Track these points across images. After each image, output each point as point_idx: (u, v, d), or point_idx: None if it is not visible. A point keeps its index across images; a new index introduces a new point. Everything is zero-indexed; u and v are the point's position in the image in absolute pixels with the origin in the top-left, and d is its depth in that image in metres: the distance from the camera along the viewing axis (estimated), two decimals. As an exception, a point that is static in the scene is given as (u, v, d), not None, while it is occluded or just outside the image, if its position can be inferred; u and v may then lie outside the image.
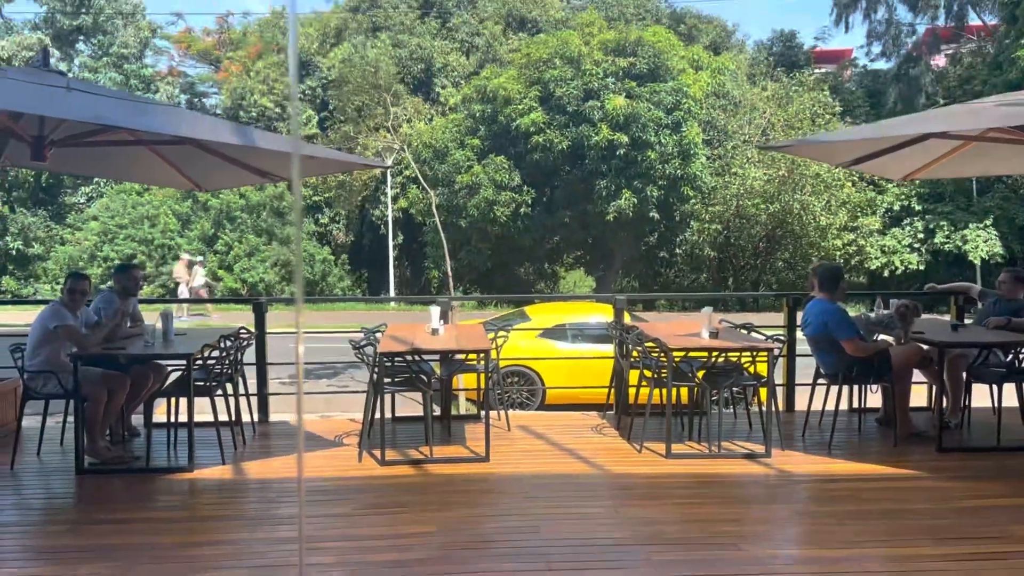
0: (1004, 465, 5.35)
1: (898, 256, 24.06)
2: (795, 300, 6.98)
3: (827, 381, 5.97)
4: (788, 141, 8.37)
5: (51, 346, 5.33)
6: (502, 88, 24.09)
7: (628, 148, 22.90)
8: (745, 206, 23.94)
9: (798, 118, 24.48)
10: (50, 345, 5.32)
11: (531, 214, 24.60)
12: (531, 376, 9.74)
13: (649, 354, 6.14)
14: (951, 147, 6.15)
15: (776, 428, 5.72)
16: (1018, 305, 6.39)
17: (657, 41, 23.93)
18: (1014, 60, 21.53)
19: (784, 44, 32.69)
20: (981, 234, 22.97)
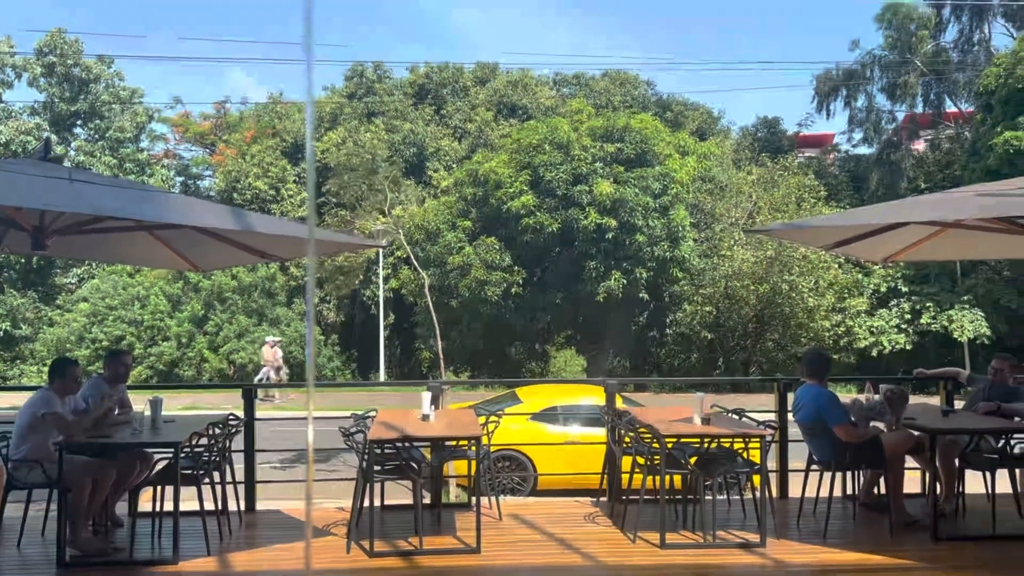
0: (1003, 555, 5.30)
1: (886, 336, 24.21)
2: (786, 384, 7.00)
3: (820, 467, 5.94)
4: (773, 225, 8.55)
5: (38, 434, 5.27)
6: (493, 172, 24.56)
7: (617, 231, 23.25)
8: (734, 287, 24.18)
9: (784, 201, 24.98)
10: (37, 433, 5.27)
11: (522, 294, 24.75)
12: (523, 461, 9.64)
13: (642, 440, 6.12)
14: (929, 232, 6.30)
15: (770, 516, 5.66)
16: (1008, 390, 6.43)
17: (644, 128, 24.57)
18: (991, 147, 22.17)
19: (768, 130, 33.60)
20: (967, 315, 23.19)
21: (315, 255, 11.52)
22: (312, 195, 2.08)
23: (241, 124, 34.82)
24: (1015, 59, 22.44)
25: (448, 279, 24.66)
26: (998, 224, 5.71)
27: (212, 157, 35.66)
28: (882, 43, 31.10)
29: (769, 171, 26.82)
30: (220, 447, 5.72)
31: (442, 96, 33.13)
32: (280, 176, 30.96)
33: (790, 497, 6.80)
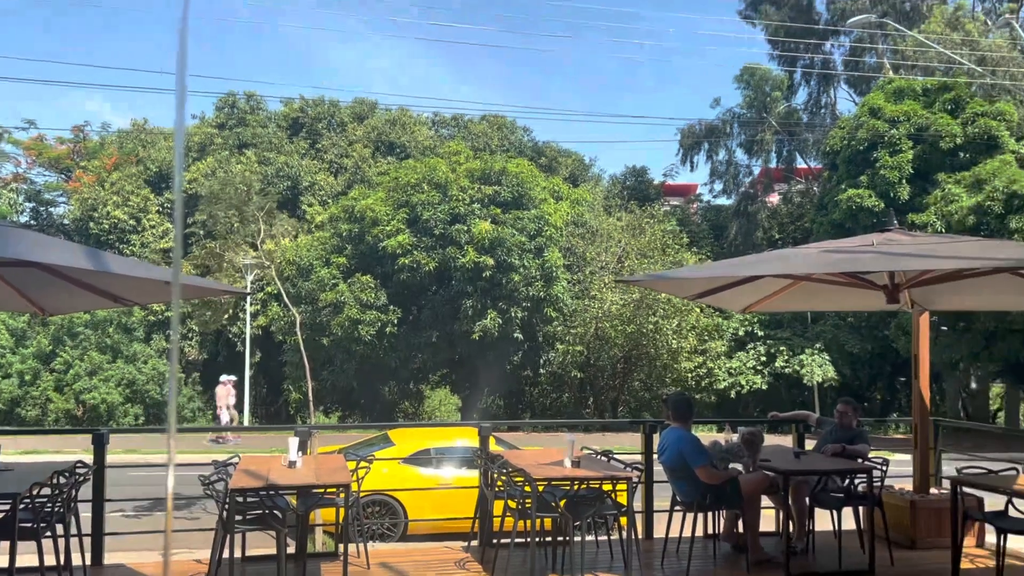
0: None
1: (743, 377, 25.50)
2: (651, 426, 7.23)
3: (683, 508, 6.15)
4: (641, 276, 8.91)
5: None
6: (370, 209, 24.37)
7: (493, 270, 23.50)
8: (604, 328, 24.87)
9: (650, 247, 26.04)
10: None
11: (397, 333, 24.51)
12: (393, 506, 9.45)
13: (514, 483, 6.14)
14: (782, 285, 6.73)
15: (636, 557, 5.79)
16: (852, 433, 6.90)
17: (520, 172, 25.10)
18: (837, 202, 23.97)
19: (636, 178, 35.08)
20: (816, 359, 24.78)
21: (178, 300, 11.00)
22: (180, 227, 2.01)
23: (102, 150, 33.02)
24: (856, 123, 24.47)
25: (320, 317, 24.11)
26: (842, 278, 6.18)
27: (68, 183, 33.56)
28: (741, 102, 33.29)
29: (637, 218, 27.95)
30: (65, 497, 5.31)
31: (318, 130, 32.70)
32: (142, 206, 29.52)
33: (655, 537, 6.99)
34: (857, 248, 5.44)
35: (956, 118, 22.98)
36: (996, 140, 22.27)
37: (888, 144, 23.29)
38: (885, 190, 22.97)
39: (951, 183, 21.97)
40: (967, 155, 22.61)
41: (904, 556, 6.43)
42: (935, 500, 6.75)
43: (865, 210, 22.78)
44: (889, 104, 23.96)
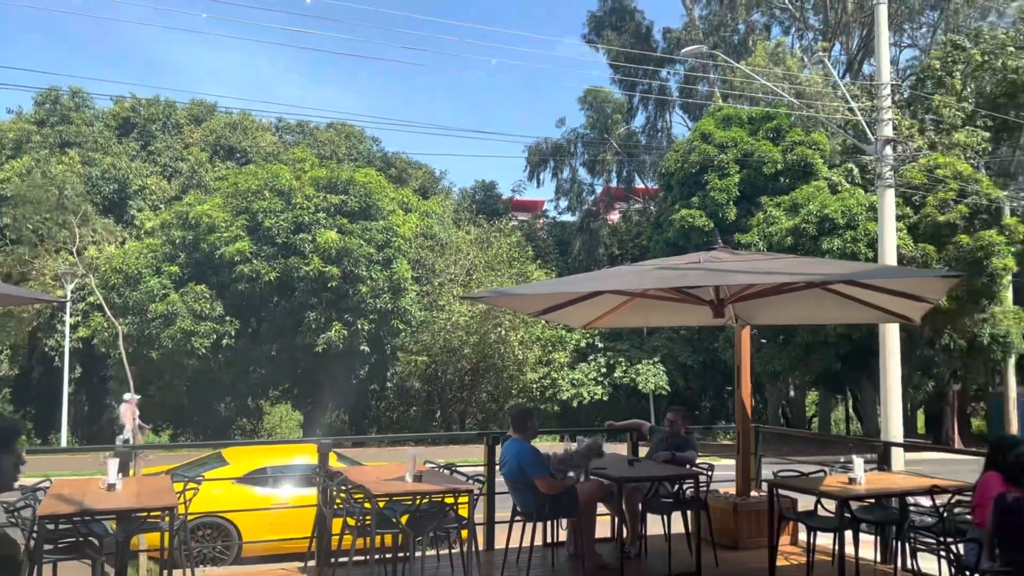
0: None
1: (585, 388, 26.32)
2: (494, 438, 7.29)
3: (523, 518, 6.23)
4: (486, 293, 8.98)
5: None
6: (206, 215, 23.25)
7: (339, 281, 23.01)
8: (451, 339, 24.93)
9: (497, 260, 26.42)
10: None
11: (234, 346, 23.45)
12: (226, 528, 9.00)
13: (354, 500, 6.01)
14: (620, 301, 7.00)
15: (477, 569, 5.81)
16: (681, 440, 7.25)
17: (368, 182, 24.78)
18: (671, 221, 25.29)
19: (485, 192, 35.54)
20: (651, 369, 25.97)
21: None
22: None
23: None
24: (689, 147, 25.97)
25: (149, 328, 22.68)
26: (673, 294, 6.51)
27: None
28: (584, 123, 34.52)
29: (485, 231, 28.29)
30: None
31: (151, 132, 30.83)
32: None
33: (496, 548, 7.04)
34: (686, 265, 5.74)
35: (777, 146, 24.86)
36: (811, 167, 24.28)
37: (718, 168, 24.84)
38: (715, 211, 24.46)
39: (772, 206, 23.71)
40: (786, 180, 24.49)
41: (728, 557, 6.81)
42: (755, 503, 7.20)
43: (696, 229, 24.16)
44: (719, 130, 25.59)
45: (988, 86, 26.92)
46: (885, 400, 14.39)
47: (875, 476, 6.74)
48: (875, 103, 16.24)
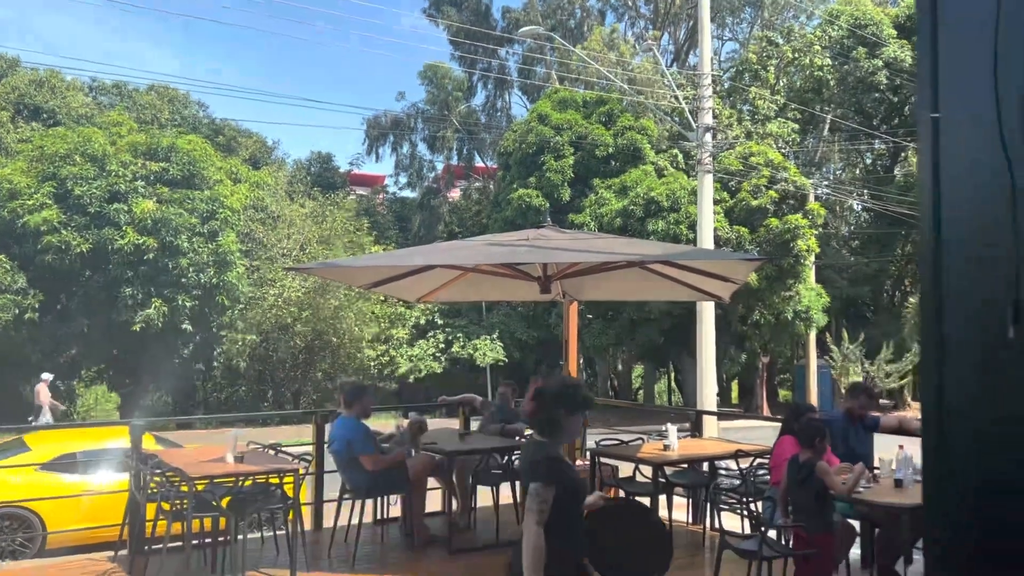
0: (503, 560, 6.03)
1: (423, 362, 26.36)
2: (323, 416, 7.15)
3: (352, 496, 6.17)
4: (313, 265, 8.75)
5: None
6: (7, 180, 21.11)
7: (158, 254, 21.62)
8: (283, 316, 24.12)
9: (333, 234, 25.79)
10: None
11: (39, 322, 21.53)
12: (28, 518, 8.28)
13: (171, 484, 5.70)
14: (453, 275, 7.04)
15: (303, 549, 5.69)
16: (512, 413, 7.42)
17: (193, 149, 23.37)
18: (509, 200, 25.67)
19: (322, 165, 34.51)
20: (488, 344, 26.38)
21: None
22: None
23: None
24: (527, 128, 26.40)
25: (-63, 304, 20.39)
26: (503, 269, 6.62)
27: None
28: (424, 98, 34.25)
29: (321, 205, 27.51)
30: None
31: (-61, 85, 27.55)
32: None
33: (325, 528, 6.93)
34: (515, 242, 5.85)
35: (609, 130, 25.76)
36: (640, 152, 25.36)
37: (554, 149, 25.43)
38: (550, 191, 25.06)
39: (603, 188, 24.60)
40: (617, 163, 25.47)
41: (553, 523, 7.06)
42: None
43: (533, 209, 24.66)
44: (555, 112, 26.17)
45: (798, 81, 29.20)
46: (701, 372, 15.39)
47: (688, 443, 7.20)
48: (698, 92, 17.19)
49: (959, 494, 0.96)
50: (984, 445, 0.95)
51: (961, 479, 0.96)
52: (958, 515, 0.96)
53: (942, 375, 0.98)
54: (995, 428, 0.93)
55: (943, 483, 0.97)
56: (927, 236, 1.01)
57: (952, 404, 0.96)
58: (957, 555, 0.97)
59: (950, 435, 0.96)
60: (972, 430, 0.95)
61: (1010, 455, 0.93)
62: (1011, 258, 0.91)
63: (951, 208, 0.99)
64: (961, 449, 0.96)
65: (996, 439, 0.94)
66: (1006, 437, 0.92)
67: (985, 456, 0.95)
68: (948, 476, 0.98)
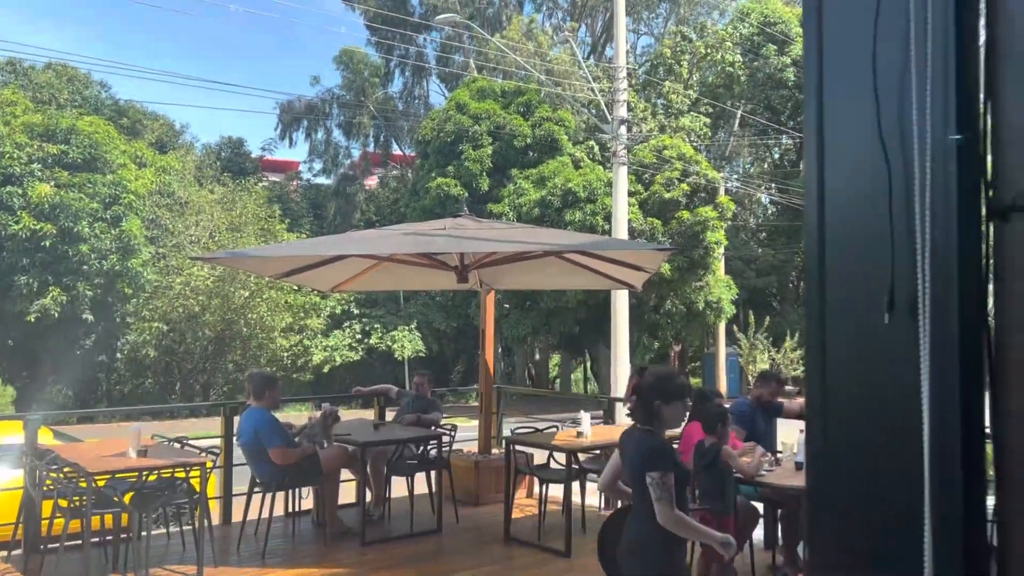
0: (419, 550, 6.03)
1: (339, 353, 25.99)
2: (232, 409, 6.97)
3: (262, 489, 6.04)
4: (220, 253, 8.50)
5: None
6: None
7: (56, 240, 20.61)
8: (191, 305, 23.37)
9: (243, 221, 25.10)
10: None
11: (-76, 314, 20.28)
12: (-92, 521, 7.80)
13: (70, 480, 5.46)
14: (368, 265, 6.96)
15: (211, 544, 5.55)
16: (427, 403, 7.40)
17: (95, 131, 22.33)
18: (428, 189, 25.49)
19: (232, 150, 33.49)
20: (407, 335, 26.20)
21: None
22: None
23: None
24: (445, 116, 26.25)
25: None
26: (419, 258, 6.58)
27: None
28: (340, 83, 33.63)
29: (231, 191, 26.72)
30: None
31: None
32: None
33: (234, 523, 6.77)
34: (431, 231, 5.82)
35: (527, 120, 25.86)
36: (557, 143, 25.56)
37: (472, 139, 25.37)
38: (469, 181, 25.01)
39: (522, 178, 24.71)
40: (535, 154, 25.61)
41: (469, 513, 7.10)
42: (495, 460, 7.54)
43: (452, 198, 24.57)
44: (473, 102, 26.10)
45: (710, 77, 29.95)
46: (614, 360, 15.69)
47: (601, 429, 7.32)
48: (613, 85, 17.43)
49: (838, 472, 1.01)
50: (861, 428, 0.99)
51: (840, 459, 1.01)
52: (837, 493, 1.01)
53: (825, 360, 1.02)
54: (872, 411, 0.98)
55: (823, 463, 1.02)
56: (812, 229, 1.06)
57: (833, 387, 1.01)
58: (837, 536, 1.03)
59: (830, 420, 1.01)
60: (851, 414, 1.00)
61: (886, 435, 0.98)
62: (888, 249, 0.97)
63: (834, 201, 1.04)
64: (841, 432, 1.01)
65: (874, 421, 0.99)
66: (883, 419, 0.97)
67: (862, 438, 1.00)
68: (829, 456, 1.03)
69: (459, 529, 6.64)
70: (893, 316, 0.95)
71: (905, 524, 0.93)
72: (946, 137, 0.93)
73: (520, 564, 5.72)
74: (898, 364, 0.94)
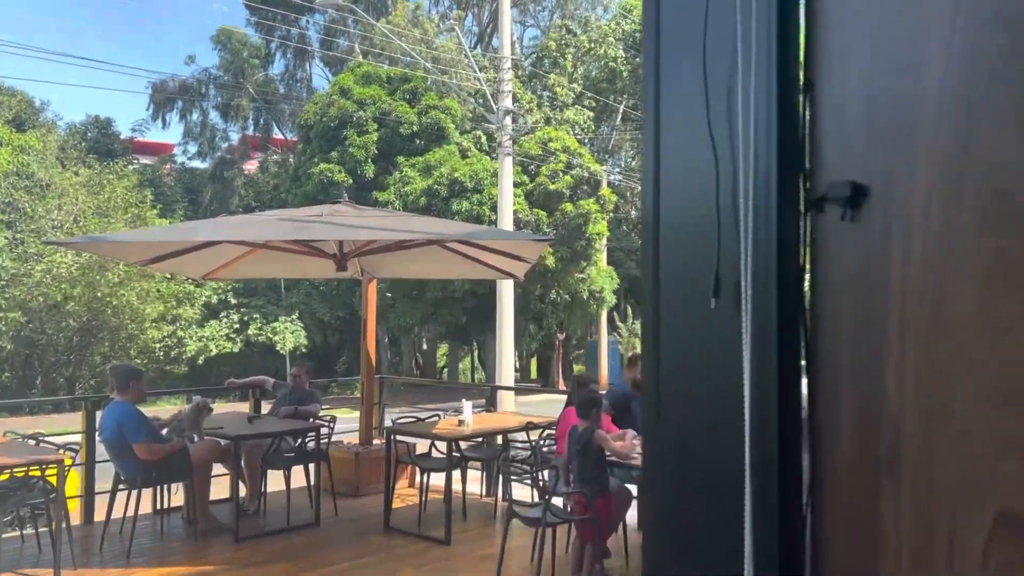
0: (295, 544, 5.91)
1: (215, 343, 25.05)
2: (93, 403, 6.62)
3: (127, 486, 5.76)
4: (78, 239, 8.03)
5: None
6: None
7: (-102, 225, 18.94)
8: (52, 294, 21.96)
9: (111, 206, 23.76)
10: None
11: None
12: None
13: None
14: (242, 251, 6.73)
15: (69, 545, 5.25)
16: (305, 394, 7.24)
17: (-58, 106, 20.60)
18: (310, 175, 24.86)
19: (100, 130, 31.58)
20: (288, 326, 25.53)
21: None
22: None
23: None
24: (328, 100, 25.65)
25: None
26: (296, 246, 6.42)
27: None
28: (218, 63, 32.28)
29: (98, 174, 25.22)
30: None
31: None
32: None
33: (96, 522, 6.43)
34: (308, 218, 5.69)
35: (414, 107, 25.61)
36: (444, 132, 25.45)
37: (356, 124, 24.91)
38: (353, 167, 24.55)
39: (408, 166, 24.48)
40: (422, 142, 25.40)
41: (348, 505, 7.00)
42: (376, 450, 7.47)
43: (335, 184, 24.06)
44: (358, 87, 25.61)
45: (594, 71, 30.55)
46: (499, 349, 15.83)
47: (483, 417, 7.38)
48: (499, 76, 17.51)
49: (670, 452, 1.06)
50: (691, 408, 1.05)
51: (673, 440, 1.06)
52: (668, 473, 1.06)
53: (659, 345, 1.07)
54: (701, 393, 1.03)
55: (657, 445, 1.07)
56: (648, 217, 1.10)
57: (666, 370, 1.06)
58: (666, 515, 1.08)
59: (663, 402, 1.06)
60: (682, 395, 1.05)
61: (713, 416, 1.03)
62: (715, 235, 1.02)
63: (668, 188, 1.09)
64: (674, 413, 1.06)
65: (702, 402, 1.04)
66: (710, 400, 1.03)
67: (692, 418, 1.05)
68: (663, 438, 1.07)
69: (338, 522, 6.55)
70: (719, 302, 1.00)
71: (730, 503, 0.98)
72: (769, 129, 0.98)
73: (399, 554, 5.70)
74: (724, 347, 1.00)
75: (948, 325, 0.83)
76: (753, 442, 0.94)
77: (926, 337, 0.85)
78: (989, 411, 0.79)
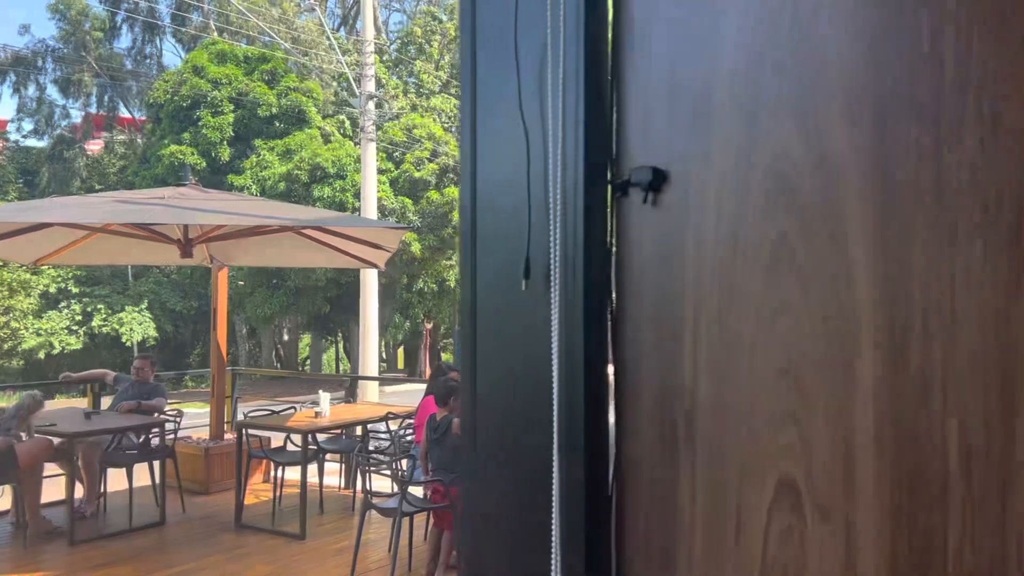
0: (137, 546, 5.59)
1: (56, 338, 23.35)
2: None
3: (-58, 492, 5.29)
4: None
5: None
6: None
7: None
8: None
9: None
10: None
11: None
12: None
13: None
14: (78, 236, 6.28)
15: None
16: (150, 388, 6.86)
17: None
18: (160, 156, 23.51)
19: (-84, 102, 28.66)
20: (136, 317, 24.12)
21: None
22: None
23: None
24: (180, 79, 24.33)
25: None
26: (137, 230, 6.05)
27: None
28: (56, 35, 29.96)
29: (-84, 151, 22.90)
30: None
31: None
32: None
33: (-93, 533, 5.86)
34: (148, 200, 5.37)
35: (273, 89, 24.70)
36: (305, 115, 24.69)
37: (211, 104, 23.77)
38: (207, 149, 23.43)
39: (266, 150, 23.60)
40: (282, 125, 24.54)
41: (197, 502, 6.71)
42: (227, 445, 7.19)
43: (187, 167, 22.89)
44: (212, 65, 24.43)
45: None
46: (363, 339, 15.60)
47: (341, 408, 7.26)
48: (362, 59, 17.18)
49: (487, 432, 1.06)
50: (504, 389, 1.05)
51: (487, 422, 1.07)
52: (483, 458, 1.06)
53: (475, 327, 1.07)
54: (514, 373, 1.04)
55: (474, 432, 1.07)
56: (465, 199, 1.10)
57: (482, 351, 1.06)
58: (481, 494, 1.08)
59: (479, 382, 1.06)
60: (496, 377, 1.05)
61: (525, 396, 1.04)
62: (526, 220, 1.03)
63: (484, 172, 1.09)
64: (488, 394, 1.06)
65: (515, 382, 1.04)
66: (522, 380, 1.04)
67: (505, 399, 1.06)
68: (477, 423, 1.08)
69: (186, 520, 6.26)
70: (530, 284, 1.01)
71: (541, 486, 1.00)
72: (577, 115, 1.00)
73: (250, 551, 5.51)
74: (535, 329, 1.01)
75: (736, 305, 0.87)
76: (561, 423, 0.96)
77: (717, 317, 0.89)
78: (770, 385, 0.83)
